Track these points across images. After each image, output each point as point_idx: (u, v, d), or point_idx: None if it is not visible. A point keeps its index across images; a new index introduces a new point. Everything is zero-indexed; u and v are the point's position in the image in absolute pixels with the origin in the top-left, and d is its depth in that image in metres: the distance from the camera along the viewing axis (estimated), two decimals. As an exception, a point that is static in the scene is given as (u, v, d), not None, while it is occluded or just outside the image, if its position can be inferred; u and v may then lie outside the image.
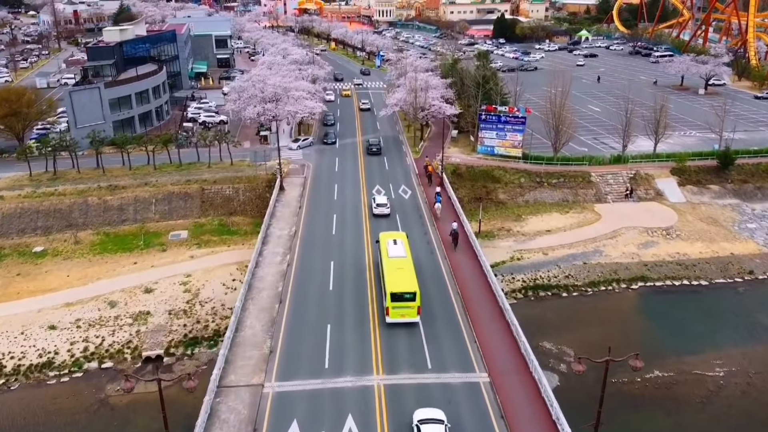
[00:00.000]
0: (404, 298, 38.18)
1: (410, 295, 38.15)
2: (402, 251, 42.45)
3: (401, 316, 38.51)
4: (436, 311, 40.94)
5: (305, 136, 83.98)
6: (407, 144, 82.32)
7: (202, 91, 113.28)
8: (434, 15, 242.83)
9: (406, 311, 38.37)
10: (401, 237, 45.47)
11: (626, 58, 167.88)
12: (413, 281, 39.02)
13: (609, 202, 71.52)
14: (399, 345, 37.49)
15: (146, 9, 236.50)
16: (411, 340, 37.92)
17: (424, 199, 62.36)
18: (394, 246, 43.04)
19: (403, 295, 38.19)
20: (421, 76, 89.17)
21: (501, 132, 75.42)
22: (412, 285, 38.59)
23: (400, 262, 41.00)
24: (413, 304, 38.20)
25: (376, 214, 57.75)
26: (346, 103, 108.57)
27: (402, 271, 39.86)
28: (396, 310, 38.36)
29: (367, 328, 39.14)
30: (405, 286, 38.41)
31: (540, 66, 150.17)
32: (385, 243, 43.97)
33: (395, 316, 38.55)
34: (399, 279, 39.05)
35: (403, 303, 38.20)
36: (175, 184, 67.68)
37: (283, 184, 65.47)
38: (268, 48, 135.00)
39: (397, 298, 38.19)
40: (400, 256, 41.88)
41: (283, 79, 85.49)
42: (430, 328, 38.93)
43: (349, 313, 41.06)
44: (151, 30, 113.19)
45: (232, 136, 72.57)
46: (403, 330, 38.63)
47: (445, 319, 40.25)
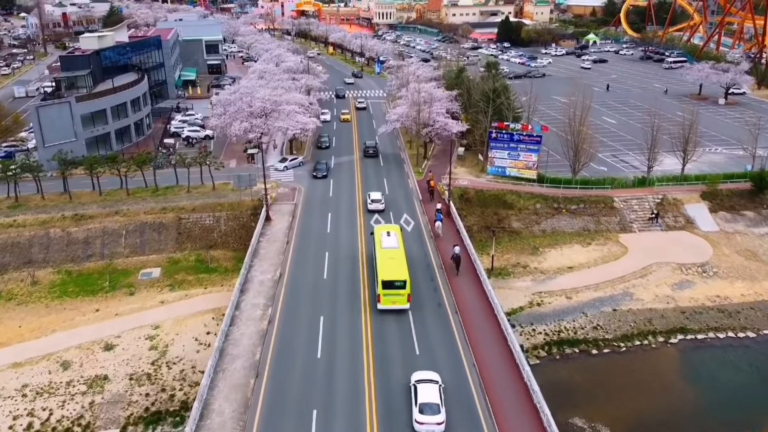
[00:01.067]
0: (395, 286, 40.35)
1: (401, 283, 40.37)
2: (395, 242, 44.74)
3: (392, 303, 40.73)
4: (448, 384, 33.31)
5: (294, 155, 76.34)
6: (409, 163, 74.83)
7: (189, 101, 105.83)
8: (436, 17, 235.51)
9: (397, 298, 40.63)
10: (395, 229, 47.54)
11: (637, 63, 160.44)
12: (404, 270, 41.19)
13: (635, 232, 64.06)
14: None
15: (139, 11, 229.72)
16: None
17: (430, 233, 54.81)
18: (387, 237, 45.43)
19: (394, 282, 40.37)
20: (424, 88, 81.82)
21: (513, 151, 67.95)
22: (403, 274, 40.77)
23: (393, 253, 43.17)
24: (403, 292, 40.48)
25: (370, 210, 59.13)
26: (346, 129, 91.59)
27: (394, 261, 42.00)
28: (387, 297, 40.62)
29: (363, 417, 31.70)
30: (396, 275, 40.61)
31: (548, 72, 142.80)
32: (379, 235, 46.25)
33: (386, 303, 40.77)
34: (390, 268, 41.14)
35: (393, 290, 40.40)
36: (149, 212, 60.21)
37: (270, 213, 58.02)
38: (262, 54, 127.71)
39: (388, 286, 40.38)
40: (393, 247, 44.08)
41: (274, 91, 78.03)
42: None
43: (342, 390, 33.61)
44: (134, 36, 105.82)
45: (215, 157, 65.01)
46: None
47: (461, 407, 32.70)
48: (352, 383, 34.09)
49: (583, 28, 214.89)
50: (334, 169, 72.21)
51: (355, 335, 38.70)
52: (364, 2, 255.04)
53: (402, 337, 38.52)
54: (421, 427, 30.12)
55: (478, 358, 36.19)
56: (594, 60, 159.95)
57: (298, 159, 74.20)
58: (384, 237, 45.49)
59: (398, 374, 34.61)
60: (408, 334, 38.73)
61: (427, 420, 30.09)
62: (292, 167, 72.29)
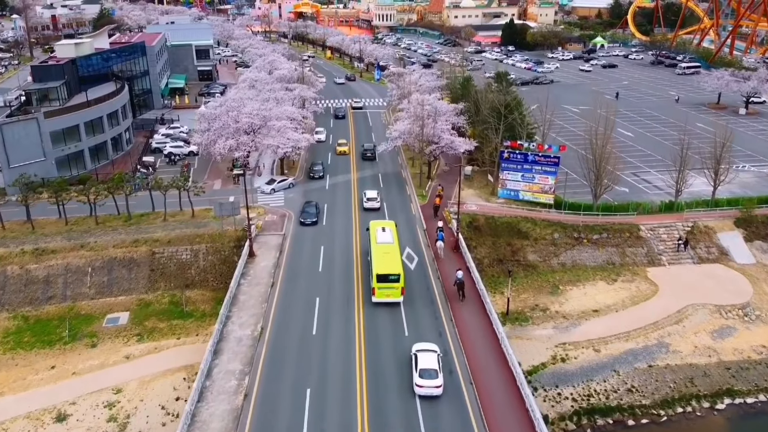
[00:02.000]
0: (389, 279, 41.60)
1: (395, 276, 41.65)
2: (389, 238, 45.91)
3: (386, 296, 42.02)
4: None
5: (285, 175, 69.47)
6: (411, 183, 68.03)
7: (176, 111, 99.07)
8: (437, 19, 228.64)
9: (391, 292, 41.89)
10: (389, 225, 48.95)
11: (648, 68, 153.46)
12: (398, 264, 42.61)
13: (664, 265, 57.32)
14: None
15: (132, 13, 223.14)
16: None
17: (437, 273, 48.03)
18: (382, 233, 46.57)
19: (388, 276, 41.61)
20: (428, 100, 75.13)
21: (528, 173, 61.22)
22: (397, 268, 42.16)
23: (387, 248, 44.38)
24: (397, 285, 41.75)
25: (366, 209, 59.70)
26: (344, 161, 76.32)
27: (388, 255, 43.31)
28: (381, 290, 41.88)
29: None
30: (390, 269, 41.91)
31: (556, 78, 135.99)
32: (374, 230, 47.45)
33: (381, 296, 42.08)
34: (385, 262, 42.45)
35: (388, 284, 41.65)
36: (119, 245, 53.48)
37: (254, 248, 51.28)
38: (256, 59, 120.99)
39: (383, 279, 41.64)
40: (388, 242, 45.27)
41: (264, 104, 71.29)
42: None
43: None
44: (116, 42, 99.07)
45: (195, 182, 58.22)
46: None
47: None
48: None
49: (589, 31, 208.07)
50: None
51: (349, 414, 31.98)
52: (363, 3, 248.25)
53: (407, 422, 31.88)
54: (421, 390, 33.31)
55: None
56: (602, 65, 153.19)
57: (288, 180, 67.15)
58: (379, 232, 46.87)
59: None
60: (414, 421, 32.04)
61: (426, 383, 33.20)
62: (281, 189, 65.39)
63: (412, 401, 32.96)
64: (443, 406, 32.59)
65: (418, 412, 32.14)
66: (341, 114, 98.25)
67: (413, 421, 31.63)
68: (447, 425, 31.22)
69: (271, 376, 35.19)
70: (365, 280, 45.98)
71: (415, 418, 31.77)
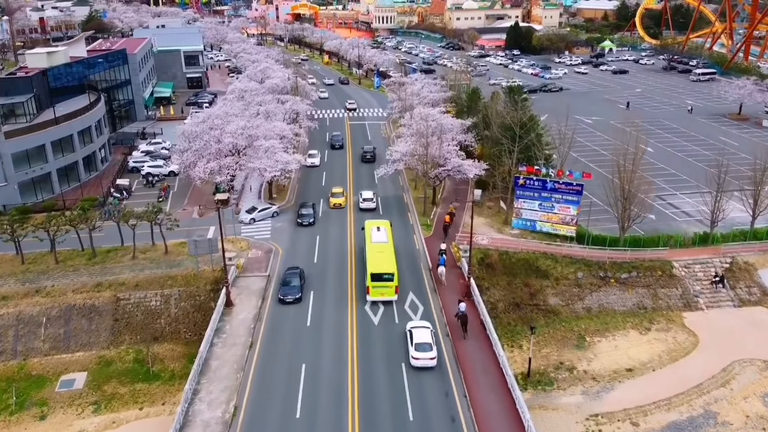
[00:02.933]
0: (383, 278, 42.13)
1: (389, 275, 42.20)
2: (384, 237, 46.66)
3: (381, 295, 42.50)
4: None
5: (270, 202, 62.24)
6: (414, 210, 61.04)
7: (161, 123, 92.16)
8: (439, 21, 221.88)
9: (385, 290, 42.34)
10: (384, 224, 49.40)
11: (660, 74, 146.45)
12: (392, 263, 43.13)
13: (701, 309, 50.44)
14: None
15: (124, 15, 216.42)
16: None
17: (446, 328, 41.11)
18: (377, 232, 47.28)
19: (382, 275, 42.17)
20: (432, 115, 68.33)
21: (546, 202, 54.31)
22: (391, 267, 42.72)
23: (382, 247, 45.12)
24: (391, 284, 42.21)
25: (362, 209, 59.51)
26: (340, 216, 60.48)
27: (383, 255, 44.00)
28: (376, 289, 42.33)
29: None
30: (384, 268, 42.53)
31: (565, 85, 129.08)
32: (369, 230, 48.06)
33: (375, 295, 42.53)
34: (379, 261, 43.05)
35: (382, 283, 42.13)
36: (79, 290, 46.58)
37: (232, 295, 44.37)
38: (248, 66, 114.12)
39: (377, 278, 42.12)
40: (382, 241, 46.03)
41: (251, 121, 64.41)
42: None
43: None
44: (95, 49, 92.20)
45: (168, 215, 51.23)
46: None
47: None
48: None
49: (595, 33, 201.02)
50: (320, 220, 58.57)
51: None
52: (362, 5, 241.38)
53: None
54: (417, 362, 35.89)
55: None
56: (614, 71, 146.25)
57: (271, 209, 59.62)
58: (374, 232, 47.49)
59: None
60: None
61: (421, 356, 35.89)
62: (261, 219, 58.21)
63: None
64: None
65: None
66: (338, 143, 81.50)
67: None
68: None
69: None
70: (361, 338, 39.19)
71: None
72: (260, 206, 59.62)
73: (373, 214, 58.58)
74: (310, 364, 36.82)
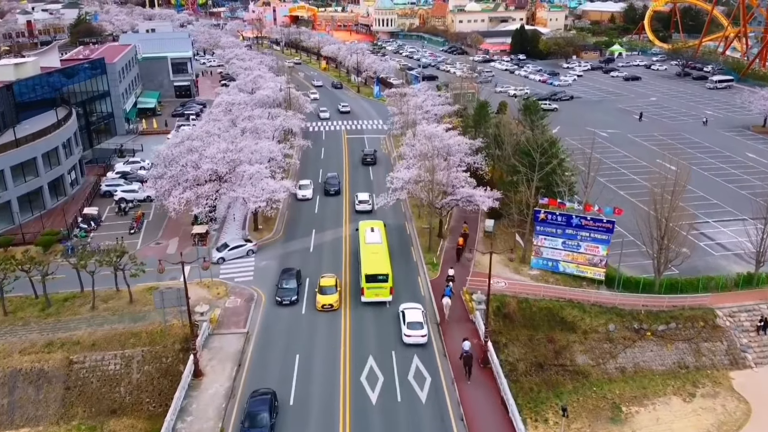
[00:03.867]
0: (378, 279, 42.53)
1: (383, 276, 42.62)
2: (378, 238, 46.78)
3: (375, 296, 42.87)
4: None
5: (248, 237, 53.86)
6: (418, 244, 53.97)
7: (143, 137, 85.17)
8: (441, 24, 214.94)
9: (380, 291, 42.77)
10: (378, 225, 49.45)
11: (674, 81, 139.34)
12: (386, 264, 43.42)
13: (750, 366, 43.65)
14: None
15: (116, 17, 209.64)
16: None
17: (451, 377, 34.18)
18: (371, 233, 47.37)
19: (377, 276, 42.57)
20: (437, 133, 61.54)
21: (571, 240, 47.34)
22: (385, 268, 43.04)
23: (376, 248, 45.33)
24: (386, 285, 42.64)
25: (358, 211, 59.13)
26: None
27: (377, 256, 44.21)
28: (371, 290, 42.73)
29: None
30: (379, 269, 42.87)
31: (575, 93, 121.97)
32: (363, 231, 48.13)
33: (370, 296, 42.91)
34: (373, 262, 43.37)
35: (376, 284, 42.56)
36: (27, 350, 39.58)
37: (202, 362, 37.33)
38: (240, 73, 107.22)
39: (372, 279, 42.52)
40: (376, 242, 46.18)
41: (234, 143, 57.45)
42: None
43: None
44: (71, 59, 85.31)
45: (133, 258, 44.15)
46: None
47: None
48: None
49: (602, 37, 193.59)
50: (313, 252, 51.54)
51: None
52: (362, 7, 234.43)
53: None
54: (409, 339, 38.64)
55: None
56: (625, 77, 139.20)
57: (246, 246, 51.31)
58: (368, 233, 47.36)
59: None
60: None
61: (413, 333, 38.71)
62: (232, 258, 50.29)
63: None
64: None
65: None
66: (334, 188, 64.71)
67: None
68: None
69: None
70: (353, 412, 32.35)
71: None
72: (233, 243, 51.59)
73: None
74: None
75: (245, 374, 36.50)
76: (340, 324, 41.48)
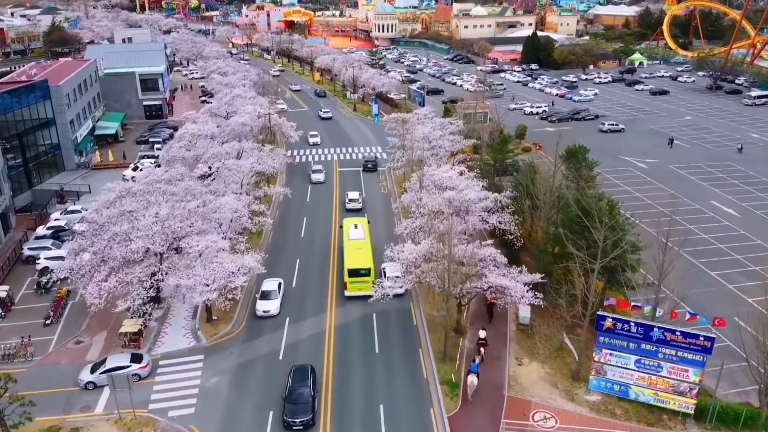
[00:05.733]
0: (360, 274, 43.66)
1: (365, 270, 43.82)
2: (361, 235, 48.02)
3: (358, 290, 43.58)
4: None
5: (124, 357, 36.43)
6: (429, 345, 39.59)
7: (94, 174, 71.16)
8: (445, 30, 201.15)
9: (363, 285, 43.48)
10: (362, 222, 50.86)
11: (707, 96, 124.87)
12: (369, 259, 44.81)
13: None
14: None
15: (97, 24, 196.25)
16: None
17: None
18: (354, 230, 48.65)
19: (359, 270, 43.73)
20: (449, 180, 47.83)
21: (649, 358, 33.21)
22: (368, 262, 44.33)
23: (359, 244, 46.69)
24: (368, 279, 43.49)
25: (348, 209, 59.47)
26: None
27: (360, 251, 45.55)
28: (353, 284, 43.72)
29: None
30: (361, 263, 44.04)
31: (599, 110, 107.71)
32: (347, 228, 49.48)
33: (353, 290, 43.78)
34: (356, 257, 44.70)
35: (359, 278, 43.61)
36: None
37: None
38: (220, 90, 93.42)
39: (354, 274, 43.62)
40: (359, 238, 47.42)
41: (182, 203, 43.38)
42: None
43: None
44: (8, 82, 71.38)
45: (16, 398, 30.06)
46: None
47: None
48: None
49: (616, 43, 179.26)
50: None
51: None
52: (361, 11, 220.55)
53: None
54: (390, 290, 40.49)
55: None
56: (651, 91, 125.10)
57: (131, 368, 35.29)
58: (352, 229, 48.73)
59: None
60: None
61: (393, 285, 42.00)
62: (106, 384, 33.78)
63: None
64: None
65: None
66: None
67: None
68: None
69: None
70: None
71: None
72: (113, 361, 35.92)
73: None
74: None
75: None
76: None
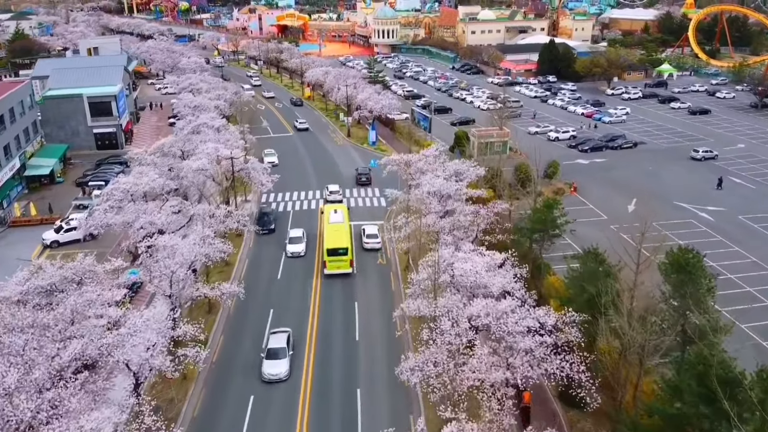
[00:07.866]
0: (338, 253, 47.25)
1: (343, 250, 47.39)
2: (340, 218, 51.81)
3: (337, 268, 47.46)
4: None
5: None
6: None
7: (9, 234, 55.22)
8: (450, 35, 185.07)
9: (341, 264, 47.53)
10: (341, 207, 55.20)
11: (752, 115, 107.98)
12: (346, 239, 48.42)
13: None
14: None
15: (72, 30, 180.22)
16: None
17: None
18: (334, 214, 52.51)
19: (338, 250, 47.28)
20: (476, 278, 32.04)
21: None
22: (345, 242, 47.91)
23: (338, 226, 50.35)
24: (346, 258, 47.48)
25: (329, 201, 62.30)
26: None
27: (338, 232, 49.23)
28: (332, 263, 47.37)
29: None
30: (339, 243, 47.63)
31: (635, 133, 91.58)
32: (327, 212, 53.64)
33: (332, 268, 47.50)
34: (335, 238, 48.28)
35: (337, 257, 47.27)
36: None
37: None
38: (186, 116, 77.62)
39: (333, 253, 47.21)
40: (338, 222, 51.20)
41: (47, 362, 27.51)
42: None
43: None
44: None
45: None
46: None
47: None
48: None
49: (636, 49, 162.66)
50: None
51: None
52: (360, 15, 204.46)
53: None
54: (367, 245, 52.00)
55: None
56: (690, 110, 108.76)
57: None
58: (332, 214, 52.52)
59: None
60: None
61: (370, 241, 52.21)
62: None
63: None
64: None
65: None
66: None
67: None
68: None
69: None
70: None
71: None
72: None
73: None
74: None
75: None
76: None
